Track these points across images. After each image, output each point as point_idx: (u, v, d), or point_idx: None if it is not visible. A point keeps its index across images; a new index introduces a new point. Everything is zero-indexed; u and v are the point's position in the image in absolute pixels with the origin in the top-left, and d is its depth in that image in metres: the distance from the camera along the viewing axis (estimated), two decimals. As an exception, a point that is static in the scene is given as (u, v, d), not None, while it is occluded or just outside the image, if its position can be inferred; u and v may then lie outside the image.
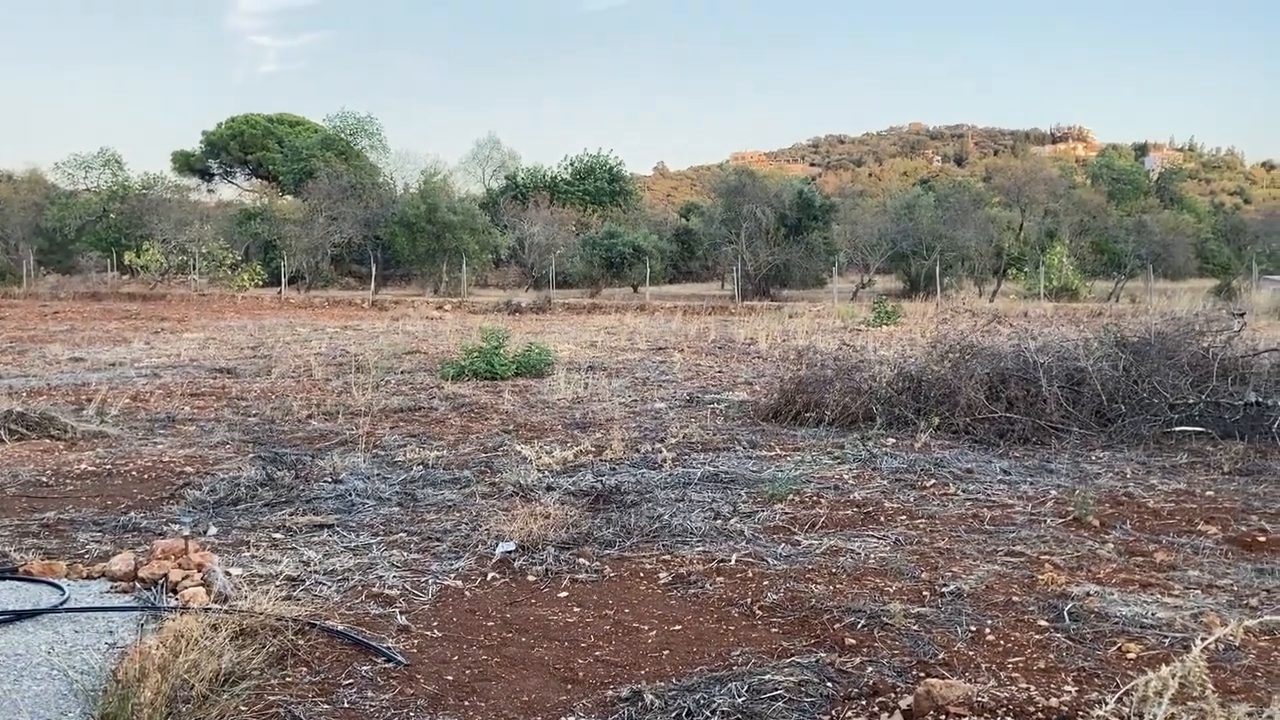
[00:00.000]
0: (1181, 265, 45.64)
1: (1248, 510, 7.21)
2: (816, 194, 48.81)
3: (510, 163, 62.94)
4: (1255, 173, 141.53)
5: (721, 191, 47.78)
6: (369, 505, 7.40)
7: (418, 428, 10.84)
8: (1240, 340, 11.69)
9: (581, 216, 51.48)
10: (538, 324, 28.16)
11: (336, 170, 44.87)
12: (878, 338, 21.79)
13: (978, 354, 11.28)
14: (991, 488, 7.96)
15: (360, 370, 15.44)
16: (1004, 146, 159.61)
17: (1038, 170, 55.36)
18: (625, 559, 6.09)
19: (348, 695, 4.14)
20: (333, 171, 44.45)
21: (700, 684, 4.18)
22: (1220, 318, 13.03)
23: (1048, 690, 3.99)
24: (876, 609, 5.05)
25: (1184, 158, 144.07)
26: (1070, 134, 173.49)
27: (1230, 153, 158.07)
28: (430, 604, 5.32)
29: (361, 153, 54.57)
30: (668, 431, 10.37)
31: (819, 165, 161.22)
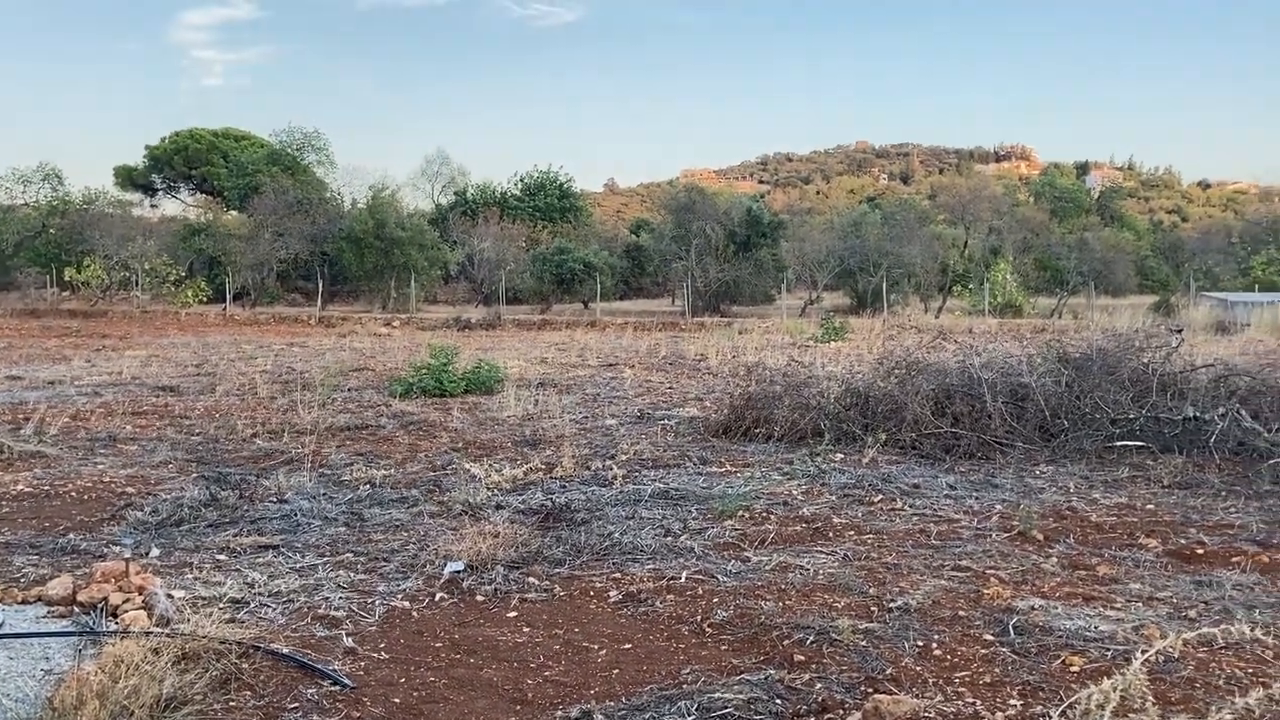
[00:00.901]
0: (1122, 282, 46.55)
1: (1187, 523, 7.35)
2: (765, 211, 49.18)
3: (460, 178, 62.65)
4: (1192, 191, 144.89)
5: (671, 208, 47.97)
6: (315, 525, 7.30)
7: (365, 446, 10.73)
8: (1179, 356, 11.94)
9: (532, 232, 51.38)
10: (488, 340, 28.05)
11: (283, 185, 44.39)
12: (826, 354, 21.97)
13: (924, 370, 11.41)
14: (938, 503, 8.05)
15: (306, 388, 15.25)
16: (949, 165, 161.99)
17: (982, 188, 56.24)
18: (575, 577, 6.07)
19: (293, 719, 4.08)
20: (279, 187, 43.98)
21: (650, 703, 4.17)
22: (1159, 334, 13.31)
23: (993, 704, 4.03)
24: (825, 625, 5.07)
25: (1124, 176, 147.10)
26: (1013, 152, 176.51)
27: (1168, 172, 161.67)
28: (377, 625, 5.26)
29: (308, 168, 54.01)
30: (618, 448, 10.36)
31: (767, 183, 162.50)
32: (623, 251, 51.72)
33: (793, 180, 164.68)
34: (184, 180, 58.05)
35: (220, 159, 54.90)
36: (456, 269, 47.46)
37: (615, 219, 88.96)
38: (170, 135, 57.26)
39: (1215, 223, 66.22)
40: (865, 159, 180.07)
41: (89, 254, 40.99)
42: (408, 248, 42.46)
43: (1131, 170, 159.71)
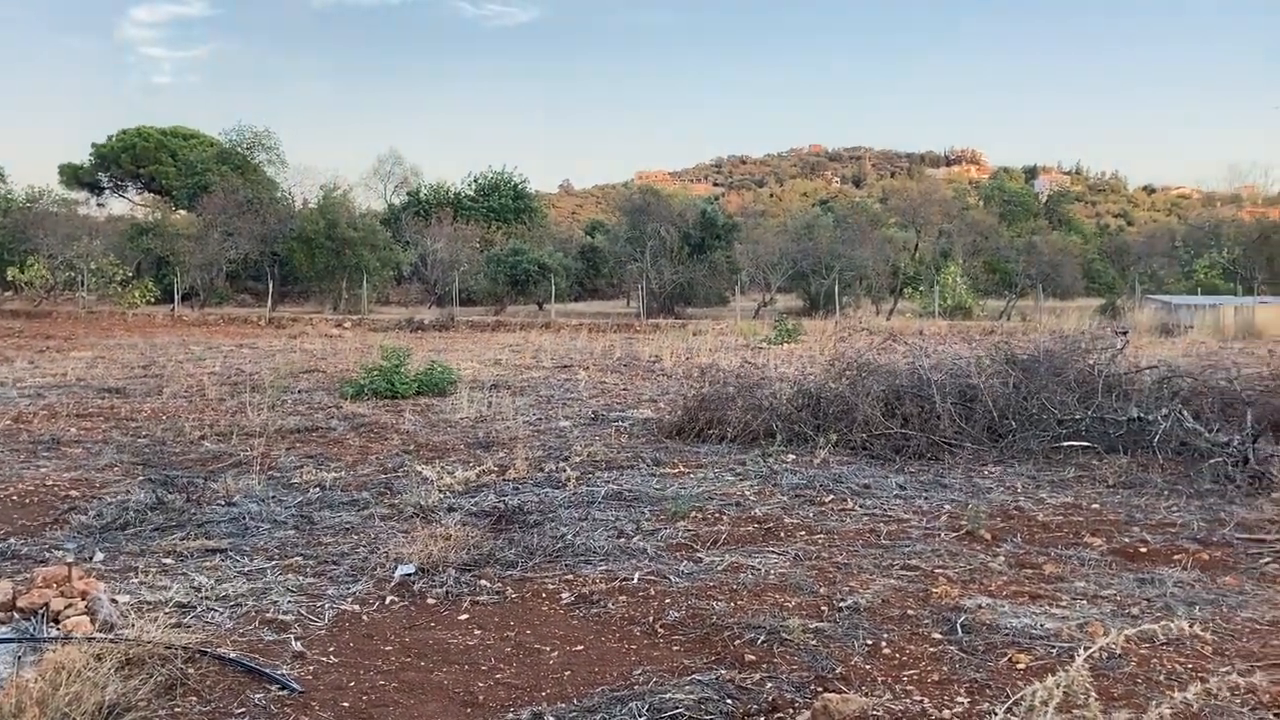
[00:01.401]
0: (1069, 285, 47.27)
1: (1130, 522, 7.49)
2: (719, 213, 49.35)
3: (413, 178, 62.29)
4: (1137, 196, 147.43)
5: (626, 210, 48.01)
6: (264, 528, 7.22)
7: (315, 448, 10.62)
8: (1124, 358, 12.17)
9: (486, 233, 51.15)
10: (441, 342, 27.89)
11: (232, 185, 43.81)
12: (779, 355, 22.10)
13: (874, 372, 11.52)
14: (888, 503, 8.13)
15: (256, 390, 15.08)
16: (900, 169, 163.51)
17: (932, 192, 56.90)
18: (528, 579, 6.06)
19: (239, 725, 4.03)
20: (229, 186, 43.40)
21: (601, 704, 4.17)
22: (1105, 336, 13.55)
23: (941, 702, 4.08)
24: (776, 625, 5.10)
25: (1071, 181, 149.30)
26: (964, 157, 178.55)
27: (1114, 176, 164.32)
28: (326, 629, 5.21)
29: (259, 167, 53.37)
30: (572, 450, 10.35)
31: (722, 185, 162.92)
32: (578, 253, 51.66)
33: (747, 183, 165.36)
34: (131, 179, 57.11)
35: (169, 157, 54.10)
36: (409, 270, 47.13)
37: (570, 220, 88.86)
38: (118, 133, 56.32)
39: (1160, 227, 67.51)
40: (818, 162, 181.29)
41: (33, 253, 40.13)
42: (359, 248, 42.09)
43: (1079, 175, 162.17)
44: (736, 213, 64.58)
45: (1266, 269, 47.30)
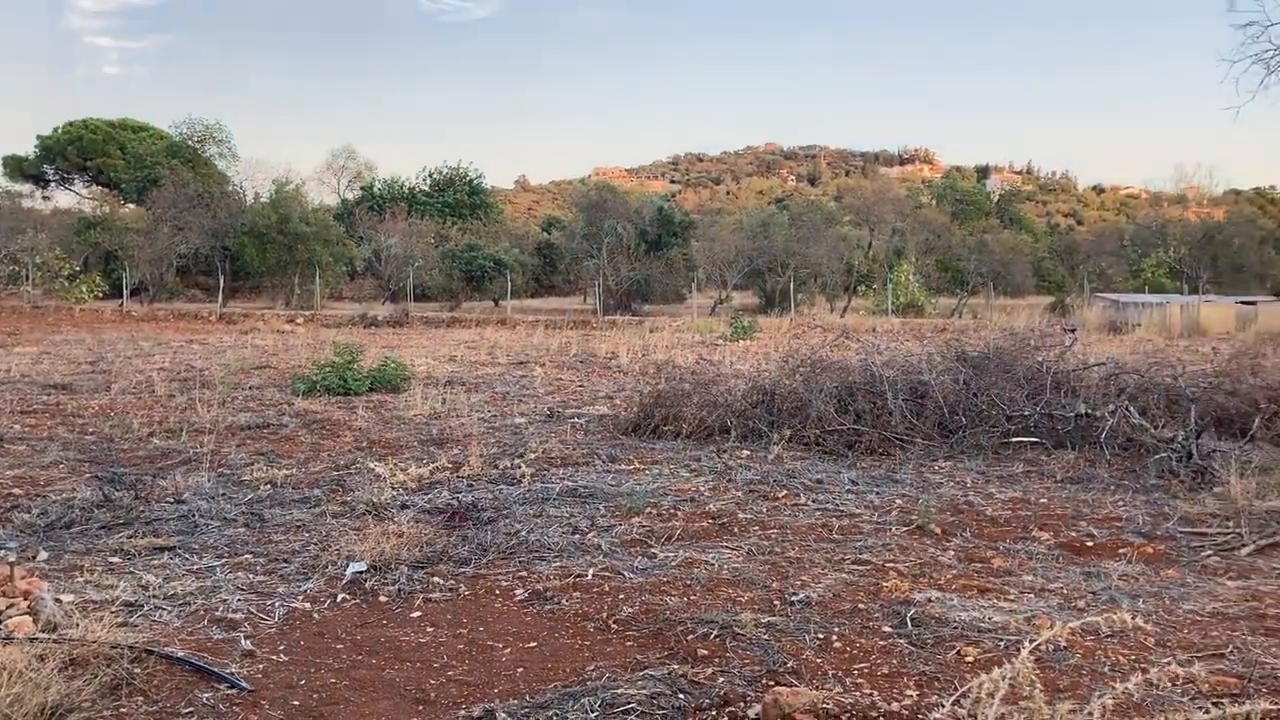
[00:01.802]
0: (1020, 283, 47.91)
1: (1077, 517, 7.61)
2: (676, 211, 49.49)
3: (366, 173, 61.82)
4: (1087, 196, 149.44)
5: (583, 206, 47.97)
6: (213, 526, 7.14)
7: (266, 445, 10.51)
8: (1072, 355, 12.36)
9: (441, 229, 50.86)
10: (395, 338, 27.70)
11: (183, 178, 43.18)
12: (735, 352, 22.19)
13: (828, 368, 11.60)
14: (840, 498, 8.19)
15: (206, 386, 14.89)
16: (855, 167, 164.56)
17: (886, 191, 57.43)
18: (481, 577, 6.04)
19: (187, 725, 3.99)
20: (179, 179, 42.76)
21: (554, 700, 4.18)
22: (1054, 333, 13.75)
23: (890, 695, 4.13)
24: (729, 619, 5.13)
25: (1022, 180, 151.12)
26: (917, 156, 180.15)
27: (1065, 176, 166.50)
28: (277, 627, 5.17)
29: (209, 160, 52.67)
30: (527, 447, 10.32)
31: (679, 182, 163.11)
32: (534, 249, 51.56)
33: (703, 180, 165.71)
34: (78, 171, 56.08)
35: (117, 150, 53.19)
36: (363, 265, 46.75)
37: (526, 216, 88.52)
38: (64, 125, 55.25)
39: (1109, 226, 68.49)
40: (774, 160, 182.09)
41: (-25, 247, 39.34)
42: (312, 243, 41.66)
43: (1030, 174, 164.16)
44: (693, 210, 64.88)
45: (1211, 268, 48.24)
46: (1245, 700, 4.03)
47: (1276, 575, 6.12)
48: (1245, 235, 49.18)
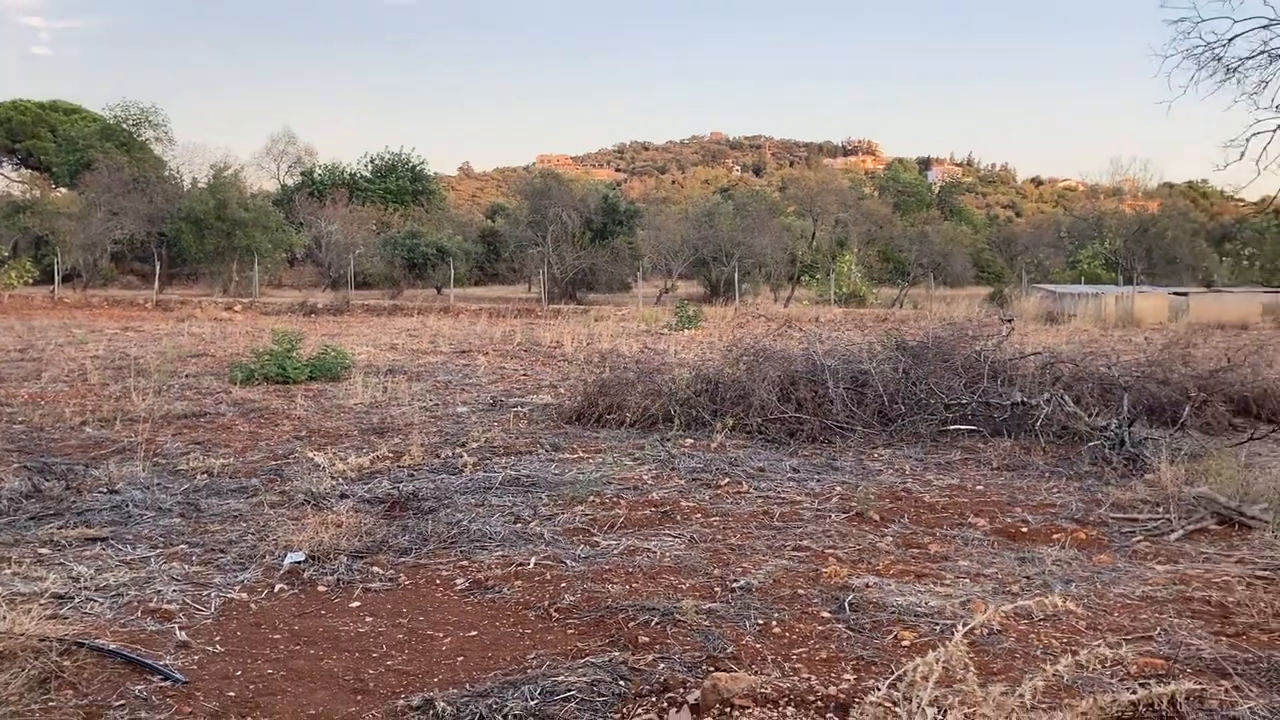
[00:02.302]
0: (960, 273, 48.53)
1: (1013, 503, 7.75)
2: (621, 199, 49.41)
3: (307, 158, 60.81)
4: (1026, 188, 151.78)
5: (527, 194, 47.67)
6: (148, 516, 7.01)
7: (203, 434, 10.34)
8: (1009, 344, 12.56)
9: (382, 216, 50.30)
10: (335, 326, 27.37)
11: (117, 162, 42.19)
12: (679, 341, 22.25)
13: (771, 358, 11.68)
14: (782, 485, 8.26)
15: (141, 374, 14.60)
16: (799, 158, 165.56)
17: (829, 181, 57.86)
18: (421, 566, 6.00)
19: (118, 717, 3.92)
20: (113, 163, 41.78)
21: (494, 689, 4.17)
22: (991, 323, 13.97)
23: (828, 679, 4.17)
24: (670, 606, 5.15)
25: (963, 172, 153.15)
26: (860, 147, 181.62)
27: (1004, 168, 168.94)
28: (213, 618, 5.09)
29: (145, 144, 51.53)
30: (469, 436, 10.27)
31: (624, 171, 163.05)
32: (478, 237, 51.14)
33: (649, 169, 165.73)
34: (7, 154, 54.64)
35: (48, 132, 51.90)
36: (303, 252, 46.08)
37: (470, 203, 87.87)
38: (-9, 106, 53.79)
39: (1047, 218, 69.66)
40: (719, 150, 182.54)
41: (-102, 231, 38.16)
42: (251, 229, 40.95)
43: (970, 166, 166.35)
44: (639, 199, 64.80)
45: (1145, 259, 49.25)
46: (1171, 681, 4.13)
47: (1203, 559, 6.28)
48: (1178, 228, 50.26)
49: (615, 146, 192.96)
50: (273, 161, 60.83)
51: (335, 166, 58.24)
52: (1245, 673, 4.42)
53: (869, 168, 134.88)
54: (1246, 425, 11.22)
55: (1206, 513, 7.15)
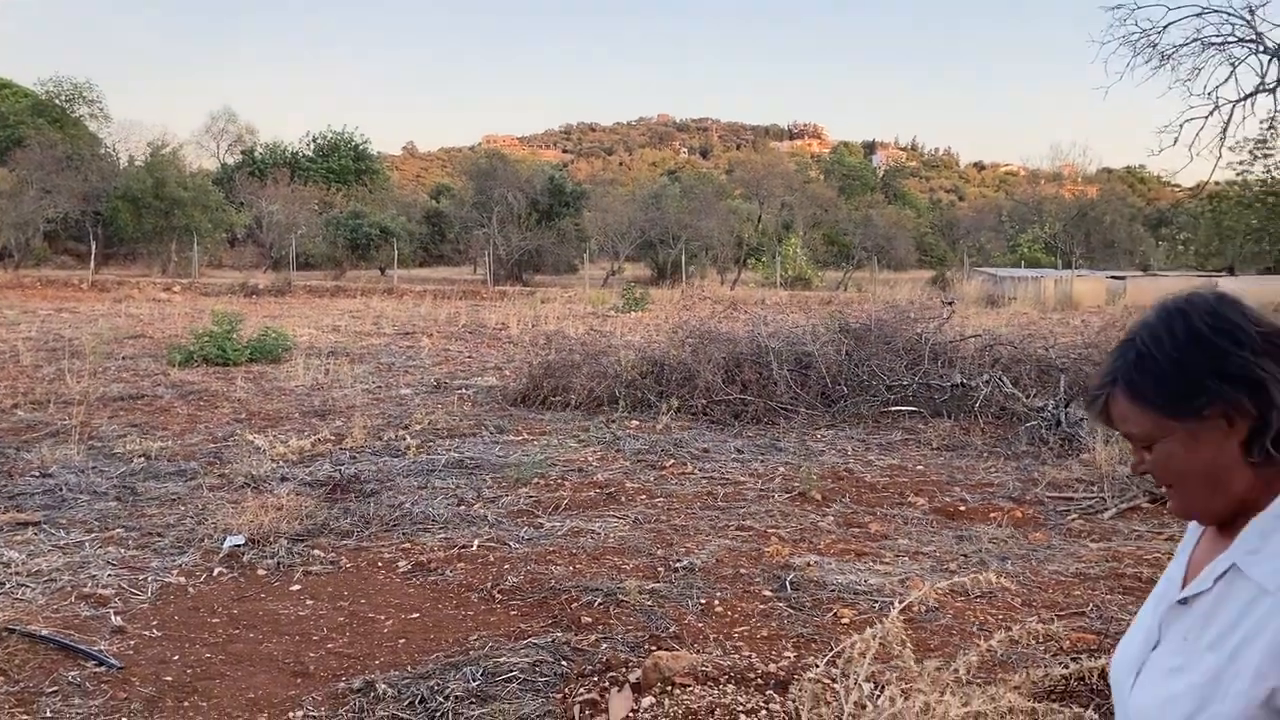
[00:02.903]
0: (903, 257, 49.02)
1: (952, 482, 7.87)
2: (568, 180, 49.18)
3: (247, 137, 59.80)
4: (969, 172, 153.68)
5: (472, 174, 47.23)
6: (83, 500, 6.88)
7: (140, 417, 10.16)
8: (950, 327, 12.72)
9: (325, 196, 49.57)
10: (276, 307, 26.98)
11: (50, 139, 41.10)
12: (626, 324, 22.24)
13: (716, 339, 11.73)
14: (726, 466, 8.31)
15: (76, 356, 14.29)
16: (746, 141, 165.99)
17: (776, 165, 58.02)
18: (363, 549, 5.96)
19: (50, 704, 3.85)
20: (45, 140, 40.69)
21: (435, 670, 4.16)
22: (933, 306, 14.14)
23: (768, 657, 4.22)
24: (613, 587, 5.17)
25: (907, 156, 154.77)
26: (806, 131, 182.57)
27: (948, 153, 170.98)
28: (150, 603, 5.02)
29: (79, 121, 50.28)
30: (412, 418, 10.19)
31: (571, 152, 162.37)
32: (422, 217, 50.60)
33: (596, 151, 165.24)
34: (-67, 130, 52.99)
35: (-24, 108, 50.38)
36: (243, 232, 45.33)
37: (415, 184, 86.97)
38: (-83, 80, 52.13)
39: (988, 202, 70.64)
40: (666, 132, 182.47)
41: None
42: (190, 209, 40.13)
43: (915, 151, 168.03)
44: (585, 181, 64.54)
45: (1084, 244, 50.11)
46: (1102, 654, 4.24)
47: (1135, 537, 6.43)
48: (1116, 213, 51.15)
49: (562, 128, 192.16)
50: (212, 140, 59.77)
51: (276, 145, 57.35)
52: (1173, 646, 4.53)
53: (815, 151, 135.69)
54: (1178, 406, 11.47)
55: (1139, 491, 7.32)
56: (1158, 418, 1.34)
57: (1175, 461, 1.35)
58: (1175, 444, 1.34)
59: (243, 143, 59.02)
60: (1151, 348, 1.35)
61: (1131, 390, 1.36)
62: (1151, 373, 1.34)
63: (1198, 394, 1.30)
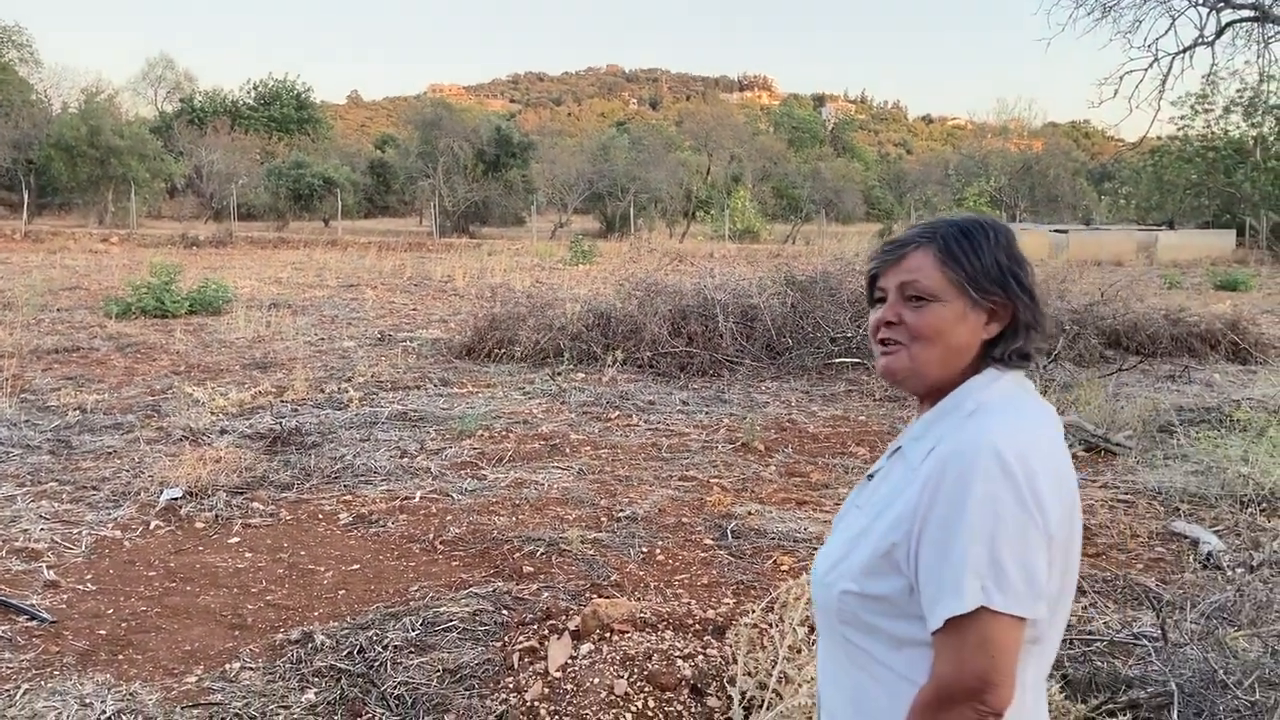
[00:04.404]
0: (851, 210, 49.26)
1: (893, 433, 7.96)
2: (515, 131, 48.58)
3: (186, 84, 58.39)
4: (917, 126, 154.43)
5: (418, 124, 46.49)
6: (14, 454, 6.74)
7: (75, 369, 9.95)
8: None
9: (266, 145, 48.62)
10: (217, 259, 26.48)
11: (-22, 84, 39.86)
12: (574, 277, 22.13)
13: (662, 292, 11.71)
14: (671, 418, 8.34)
15: (8, 308, 13.95)
16: (696, 92, 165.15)
17: (725, 117, 57.81)
18: (303, 501, 5.91)
19: (-20, 659, 3.79)
20: (-27, 85, 39.46)
21: (375, 621, 4.15)
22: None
23: (707, 603, 4.26)
24: (556, 537, 5.18)
25: (856, 109, 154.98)
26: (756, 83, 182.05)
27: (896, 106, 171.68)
28: (84, 557, 4.95)
29: (8, 66, 48.64)
30: (355, 371, 10.10)
31: (519, 102, 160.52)
32: (367, 168, 49.82)
33: (544, 101, 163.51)
34: None
35: (-100, 51, 48.54)
36: (183, 182, 44.33)
37: (359, 134, 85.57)
38: None
39: (936, 156, 70.95)
40: (616, 83, 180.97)
41: None
42: (126, 158, 39.10)
43: (864, 104, 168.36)
44: (533, 131, 63.81)
45: (1029, 197, 50.64)
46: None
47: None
48: (1061, 167, 51.70)
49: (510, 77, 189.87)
50: (150, 87, 58.27)
51: (216, 93, 56.04)
52: (1103, 590, 4.66)
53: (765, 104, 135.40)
54: (1116, 357, 11.70)
55: (1075, 440, 7.46)
56: (955, 284, 1.54)
57: (939, 324, 1.53)
58: (949, 311, 1.53)
59: (181, 90, 57.62)
60: (977, 234, 1.57)
61: (948, 252, 1.55)
62: (973, 249, 1.55)
63: (996, 284, 1.53)
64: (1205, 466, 6.78)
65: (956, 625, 1.38)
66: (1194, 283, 23.68)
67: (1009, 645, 1.38)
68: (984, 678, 1.37)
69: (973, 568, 1.37)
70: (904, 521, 1.45)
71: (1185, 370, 11.19)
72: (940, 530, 1.40)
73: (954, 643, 1.39)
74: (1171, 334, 12.32)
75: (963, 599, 1.37)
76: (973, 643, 1.38)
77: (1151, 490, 6.35)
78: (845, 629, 1.54)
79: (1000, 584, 1.36)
